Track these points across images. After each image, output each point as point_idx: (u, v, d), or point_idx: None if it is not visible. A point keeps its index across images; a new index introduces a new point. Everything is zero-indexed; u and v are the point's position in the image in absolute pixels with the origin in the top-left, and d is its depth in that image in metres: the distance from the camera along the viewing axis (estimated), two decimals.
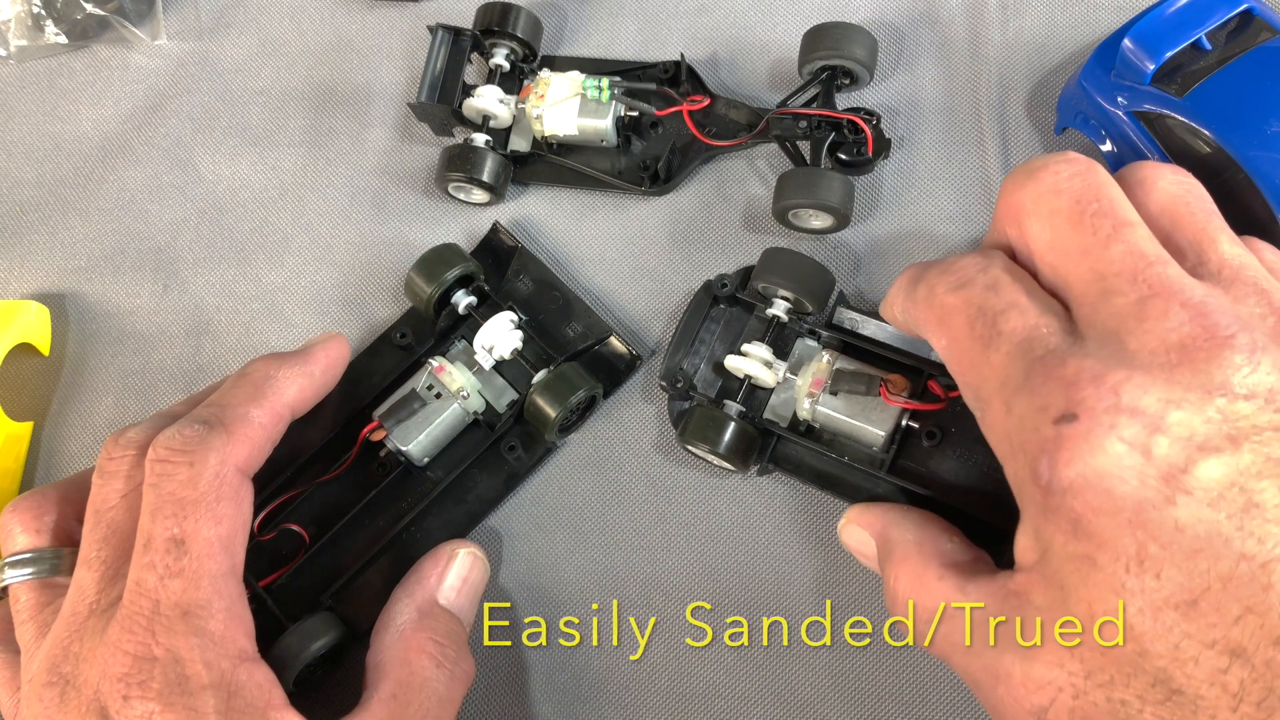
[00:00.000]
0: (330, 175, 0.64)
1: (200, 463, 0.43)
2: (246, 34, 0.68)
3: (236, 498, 0.44)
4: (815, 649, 0.51)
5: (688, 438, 0.51)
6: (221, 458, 0.44)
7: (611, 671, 0.52)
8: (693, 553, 0.53)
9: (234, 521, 0.44)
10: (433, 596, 0.49)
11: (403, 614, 0.48)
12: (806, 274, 0.53)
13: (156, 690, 0.40)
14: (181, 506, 0.42)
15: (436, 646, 0.47)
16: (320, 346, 0.51)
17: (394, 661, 0.46)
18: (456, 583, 0.50)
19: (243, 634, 0.43)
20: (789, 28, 0.63)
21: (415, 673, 0.46)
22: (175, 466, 0.43)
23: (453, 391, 0.53)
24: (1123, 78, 0.53)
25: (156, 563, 0.41)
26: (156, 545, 0.42)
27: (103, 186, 0.65)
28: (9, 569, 0.46)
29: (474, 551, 0.51)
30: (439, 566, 0.50)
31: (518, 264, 0.58)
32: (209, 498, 0.43)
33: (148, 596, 0.41)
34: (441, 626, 0.48)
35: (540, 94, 0.59)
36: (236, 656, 0.42)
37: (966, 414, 0.52)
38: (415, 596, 0.49)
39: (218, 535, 0.43)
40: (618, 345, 0.56)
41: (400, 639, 0.47)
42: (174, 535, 0.42)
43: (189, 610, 0.41)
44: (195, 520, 0.42)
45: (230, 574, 0.43)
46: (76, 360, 0.61)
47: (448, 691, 0.46)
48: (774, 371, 0.53)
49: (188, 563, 0.42)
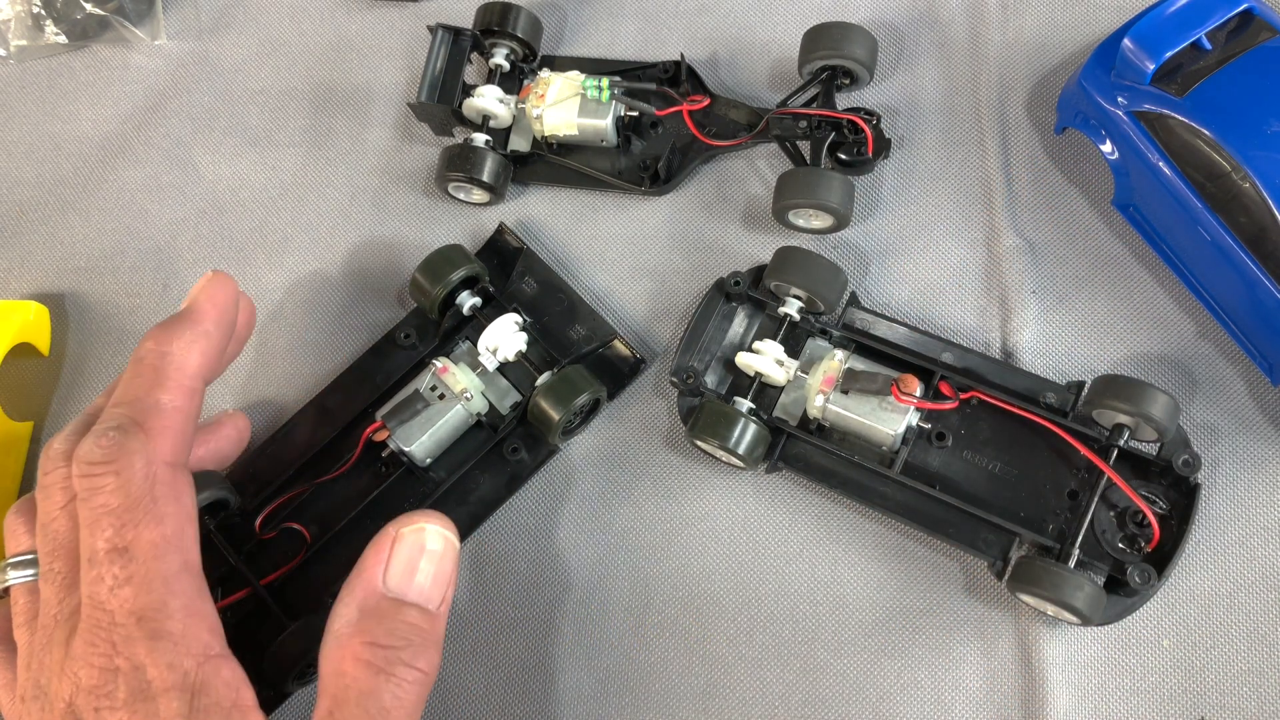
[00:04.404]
0: (330, 175, 0.64)
1: (126, 469, 0.41)
2: (246, 34, 0.68)
3: (173, 493, 0.42)
4: (819, 648, 0.51)
5: (697, 433, 0.52)
6: (146, 458, 0.42)
7: (616, 669, 0.52)
8: (700, 549, 0.54)
9: (177, 518, 0.42)
10: (375, 589, 0.42)
11: (340, 616, 0.42)
12: (820, 273, 0.53)
13: (122, 700, 0.39)
14: (117, 516, 0.41)
15: (376, 650, 0.41)
16: (204, 296, 0.47)
17: (329, 673, 0.41)
18: (406, 567, 0.43)
19: (205, 630, 0.41)
20: (789, 28, 0.63)
21: (350, 685, 0.40)
22: (101, 478, 0.41)
23: (456, 393, 0.53)
24: (1123, 78, 0.53)
25: (104, 575, 0.40)
26: (100, 558, 0.40)
27: (103, 186, 0.65)
28: (11, 570, 0.46)
29: (422, 526, 0.44)
30: (380, 553, 0.43)
31: (523, 265, 0.59)
32: (144, 501, 0.41)
33: (102, 609, 0.40)
34: (386, 624, 0.41)
35: (540, 94, 0.59)
36: (200, 655, 0.40)
37: (977, 415, 0.52)
38: (355, 592, 0.42)
39: (162, 535, 0.41)
40: (622, 348, 0.56)
41: (337, 646, 0.41)
42: (116, 545, 0.40)
43: (143, 615, 0.40)
44: (135, 526, 0.41)
45: (183, 571, 0.41)
46: (76, 360, 0.61)
47: (395, 701, 0.40)
48: (785, 370, 0.53)
49: (135, 568, 0.40)
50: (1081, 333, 0.55)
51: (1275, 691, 0.48)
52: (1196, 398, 0.53)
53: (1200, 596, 0.50)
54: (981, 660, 0.50)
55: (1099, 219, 0.57)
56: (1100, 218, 0.57)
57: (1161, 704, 0.49)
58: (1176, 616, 0.50)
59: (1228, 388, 0.53)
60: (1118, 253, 0.56)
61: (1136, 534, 0.50)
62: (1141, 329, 0.55)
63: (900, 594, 0.52)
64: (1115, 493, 0.50)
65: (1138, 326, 0.55)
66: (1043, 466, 0.51)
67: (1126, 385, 0.48)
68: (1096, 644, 0.50)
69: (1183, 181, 0.51)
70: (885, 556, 0.52)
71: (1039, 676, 0.49)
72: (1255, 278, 0.49)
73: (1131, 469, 0.51)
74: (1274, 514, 0.51)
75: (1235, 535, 0.51)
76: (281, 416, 0.57)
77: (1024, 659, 0.50)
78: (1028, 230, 0.57)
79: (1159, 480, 0.51)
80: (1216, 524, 0.51)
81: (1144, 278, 0.55)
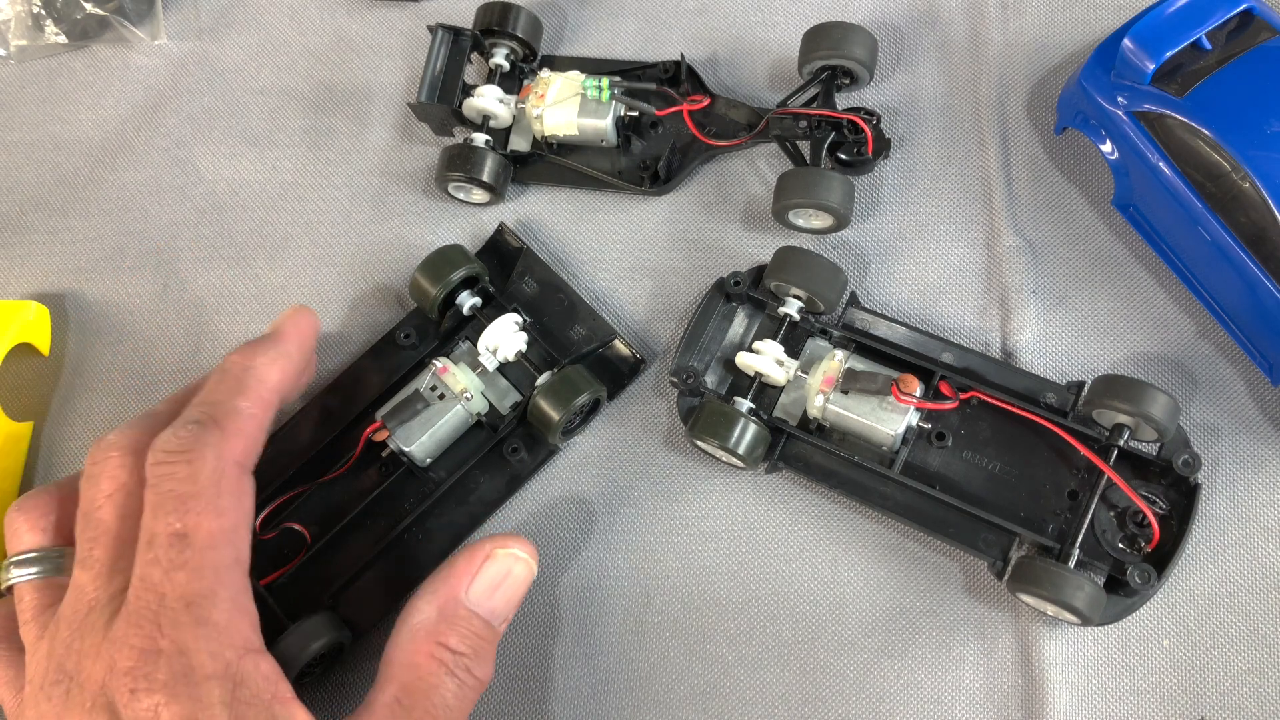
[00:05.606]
0: (330, 175, 0.64)
1: (198, 460, 0.43)
2: (246, 34, 0.68)
3: (237, 491, 0.44)
4: (819, 648, 0.51)
5: (697, 432, 0.52)
6: (218, 453, 0.44)
7: (616, 669, 0.52)
8: (700, 549, 0.54)
9: (236, 514, 0.44)
10: (457, 597, 0.46)
11: (421, 612, 0.46)
12: (820, 273, 0.53)
13: (162, 682, 0.40)
14: (182, 502, 0.42)
15: (451, 653, 0.45)
16: (290, 324, 0.51)
17: (402, 664, 0.44)
18: (489, 584, 0.47)
19: (248, 625, 0.43)
20: (789, 28, 0.63)
21: (423, 678, 0.44)
22: (173, 466, 0.43)
23: (456, 393, 0.53)
24: (1123, 78, 0.53)
25: (161, 558, 0.42)
26: (160, 541, 0.42)
27: (103, 186, 0.65)
28: (14, 568, 0.46)
29: (515, 552, 0.48)
30: (472, 566, 0.47)
31: (523, 265, 0.59)
32: (209, 492, 0.43)
33: (153, 591, 0.41)
34: (462, 630, 0.45)
35: (540, 94, 0.59)
36: (242, 647, 0.42)
37: (977, 415, 0.52)
38: (439, 595, 0.46)
39: (220, 527, 0.43)
40: (622, 348, 0.56)
41: (413, 640, 0.45)
42: (176, 530, 0.42)
43: (193, 601, 0.41)
44: (197, 514, 0.42)
45: (234, 565, 0.43)
46: (76, 360, 0.61)
47: (456, 701, 0.44)
48: (785, 370, 0.53)
49: (191, 555, 0.42)
50: (1081, 333, 0.55)
51: (1275, 691, 0.48)
52: (1196, 398, 0.53)
53: (1200, 596, 0.50)
54: (981, 660, 0.50)
55: (1099, 219, 0.57)
56: (1100, 218, 0.57)
57: (1161, 704, 0.49)
58: (1176, 616, 0.50)
59: (1228, 388, 0.53)
60: (1118, 253, 0.56)
61: (1136, 534, 0.50)
62: (1141, 329, 0.55)
63: (900, 594, 0.52)
64: (1115, 493, 0.50)
65: (1138, 326, 0.55)
66: (1043, 466, 0.51)
67: (1126, 385, 0.48)
68: (1096, 644, 0.50)
69: (1183, 181, 0.51)
70: (885, 556, 0.52)
71: (1039, 676, 0.49)
72: (1255, 278, 0.49)
73: (1131, 469, 0.51)
74: (1274, 514, 0.51)
75: (1235, 535, 0.51)
76: (281, 416, 0.57)
77: (1024, 659, 0.50)
78: (1028, 230, 0.57)
79: (1159, 480, 0.51)
80: (1216, 524, 0.51)
81: (1144, 278, 0.55)
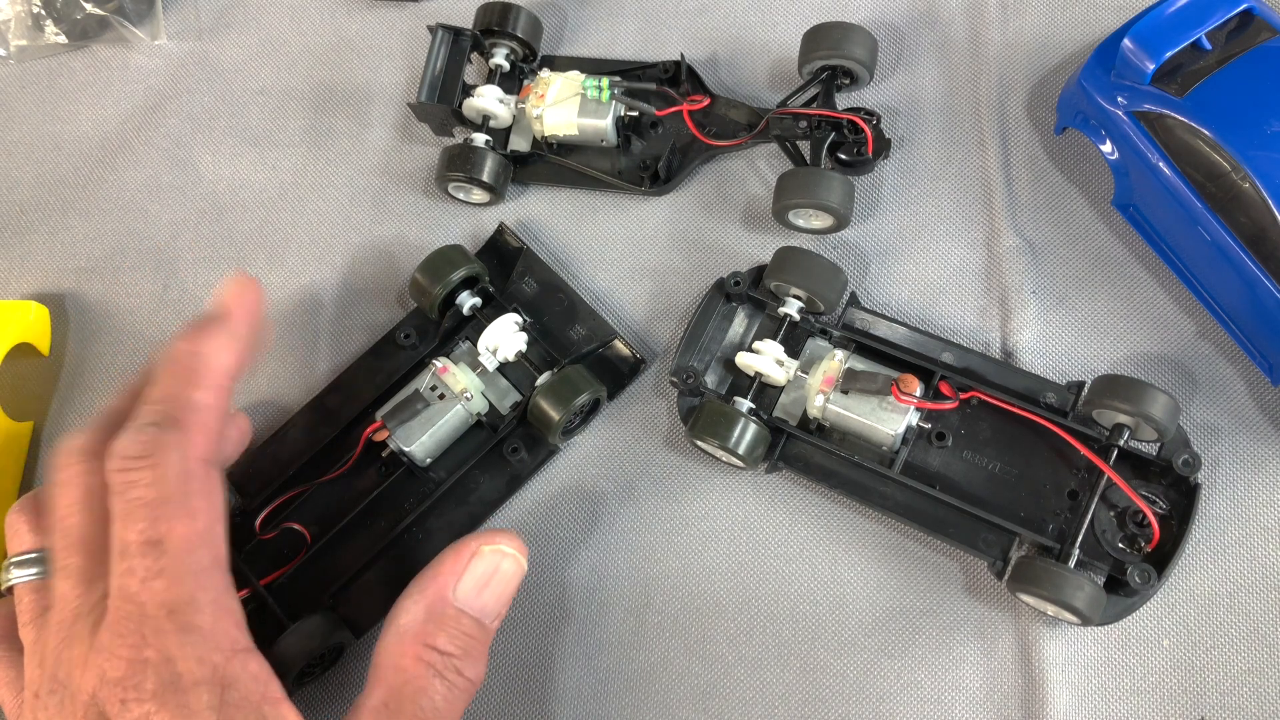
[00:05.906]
0: (330, 175, 0.64)
1: (162, 463, 0.42)
2: (246, 34, 0.68)
3: (206, 490, 0.43)
4: (819, 648, 0.51)
5: (697, 432, 0.52)
6: (182, 455, 0.42)
7: (616, 669, 0.52)
8: (700, 549, 0.54)
9: (208, 514, 0.43)
10: (445, 596, 0.45)
11: (408, 613, 0.45)
12: (820, 274, 0.53)
13: (151, 691, 0.39)
14: (152, 509, 0.41)
15: (439, 654, 0.44)
16: (234, 300, 0.48)
17: (389, 666, 0.43)
18: (478, 582, 0.46)
19: (233, 625, 0.42)
20: (789, 28, 0.63)
21: (410, 681, 0.43)
22: (138, 473, 0.42)
23: (456, 393, 0.53)
24: (1123, 78, 0.53)
25: (136, 567, 0.41)
26: (133, 550, 0.41)
27: (103, 186, 0.65)
28: (14, 568, 0.46)
29: (502, 548, 0.47)
30: (459, 564, 0.46)
31: (523, 265, 0.59)
32: (178, 495, 0.42)
33: (132, 601, 0.41)
34: (450, 630, 0.44)
35: (540, 94, 0.59)
36: (229, 649, 0.41)
37: (977, 415, 0.52)
38: (426, 594, 0.45)
39: (194, 530, 0.42)
40: (622, 348, 0.56)
41: (400, 641, 0.44)
42: (149, 537, 0.41)
43: (175, 609, 0.41)
44: (169, 520, 0.41)
45: (213, 567, 0.42)
46: (76, 360, 0.61)
47: (445, 703, 0.43)
48: (785, 370, 0.53)
49: (167, 561, 0.41)
50: (1081, 333, 0.55)
51: (1275, 691, 0.48)
52: (1196, 398, 0.53)
53: (1200, 596, 0.50)
54: (981, 660, 0.50)
55: (1099, 219, 0.57)
56: (1100, 218, 0.57)
57: (1161, 704, 0.49)
58: (1176, 616, 0.50)
59: (1228, 388, 0.53)
60: (1118, 253, 0.56)
61: (1136, 534, 0.50)
62: (1141, 329, 0.55)
63: (900, 594, 0.52)
64: (1115, 493, 0.50)
65: (1138, 326, 0.55)
66: (1043, 466, 0.51)
67: (1126, 385, 0.48)
68: (1096, 644, 0.50)
69: (1183, 181, 0.51)
70: (885, 556, 0.52)
71: (1039, 676, 0.49)
72: (1255, 278, 0.49)
73: (1131, 469, 0.51)
74: (1274, 514, 0.51)
75: (1235, 535, 0.51)
76: (281, 416, 0.57)
77: (1024, 659, 0.50)
78: (1028, 230, 0.57)
79: (1159, 480, 0.51)
80: (1216, 524, 0.51)
81: (1144, 278, 0.55)
